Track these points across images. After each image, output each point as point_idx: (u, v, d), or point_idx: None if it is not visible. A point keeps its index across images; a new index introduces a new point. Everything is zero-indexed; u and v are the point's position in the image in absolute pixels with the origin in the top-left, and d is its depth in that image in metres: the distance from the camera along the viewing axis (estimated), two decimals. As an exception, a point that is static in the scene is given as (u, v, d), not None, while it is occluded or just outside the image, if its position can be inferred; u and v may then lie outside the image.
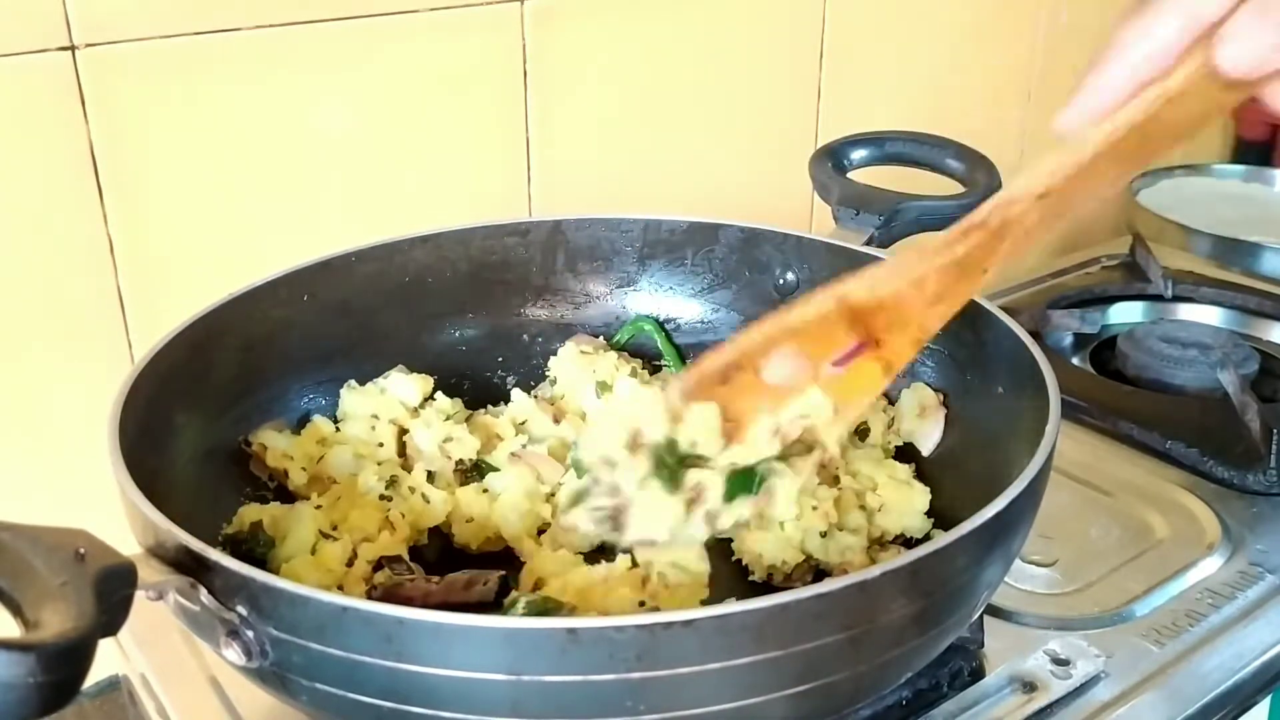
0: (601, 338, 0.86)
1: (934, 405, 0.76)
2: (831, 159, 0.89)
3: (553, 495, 0.73)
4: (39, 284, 0.79)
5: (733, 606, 0.46)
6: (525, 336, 0.85)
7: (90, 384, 0.79)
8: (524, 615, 0.57)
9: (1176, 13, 0.46)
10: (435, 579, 0.65)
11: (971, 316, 0.72)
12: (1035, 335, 0.70)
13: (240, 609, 0.48)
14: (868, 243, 0.82)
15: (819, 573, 0.69)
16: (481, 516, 0.71)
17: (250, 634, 0.49)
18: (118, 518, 0.55)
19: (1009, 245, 0.53)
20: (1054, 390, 0.62)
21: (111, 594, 0.43)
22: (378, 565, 0.66)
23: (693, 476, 0.59)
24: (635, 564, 0.64)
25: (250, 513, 0.67)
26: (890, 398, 0.79)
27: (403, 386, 0.77)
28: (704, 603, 0.63)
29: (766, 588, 0.68)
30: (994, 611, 0.76)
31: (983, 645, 0.72)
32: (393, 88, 0.90)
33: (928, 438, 0.76)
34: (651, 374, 0.84)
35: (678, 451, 0.59)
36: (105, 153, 0.79)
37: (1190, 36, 0.46)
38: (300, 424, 0.76)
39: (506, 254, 0.85)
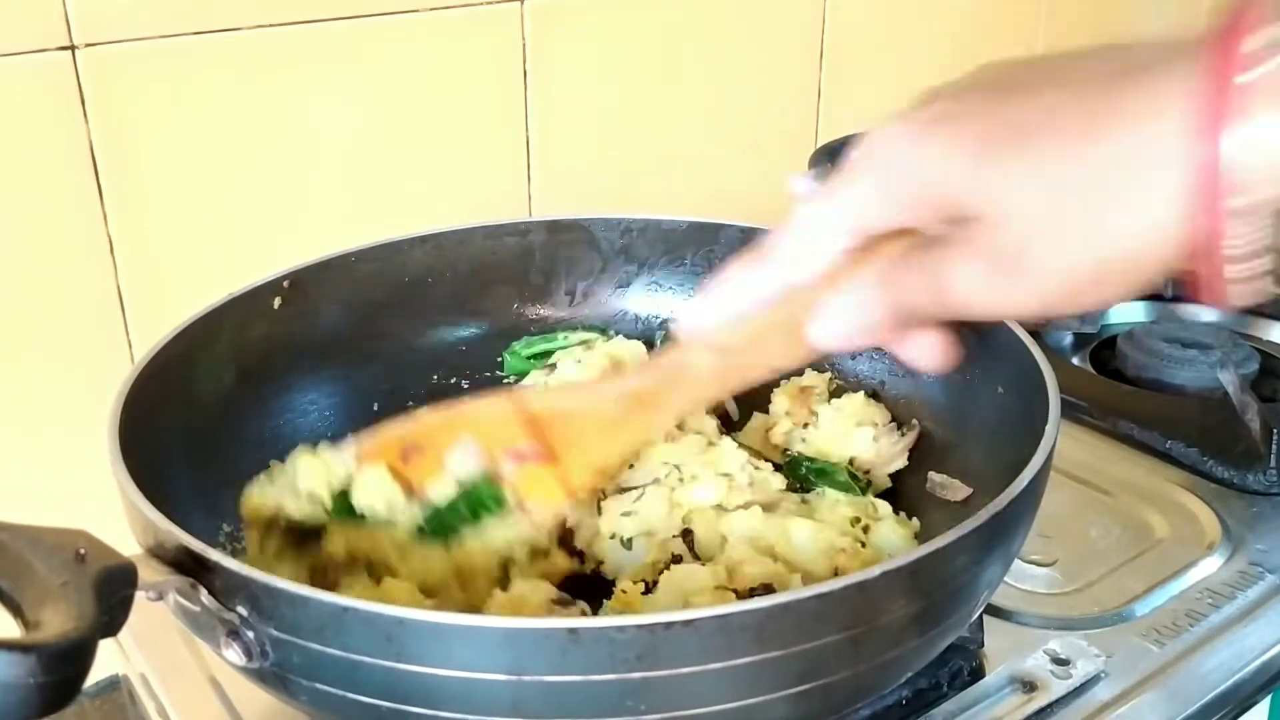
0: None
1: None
2: (831, 159, 0.89)
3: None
4: (39, 284, 0.79)
5: (733, 606, 0.46)
6: (525, 337, 0.85)
7: (90, 384, 0.79)
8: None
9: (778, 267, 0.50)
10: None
11: (972, 316, 0.73)
12: (1035, 335, 0.69)
13: (240, 609, 0.48)
14: (868, 243, 0.82)
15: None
16: None
17: (250, 634, 0.49)
18: (118, 518, 0.55)
19: (686, 390, 0.55)
20: (1054, 390, 0.62)
21: (112, 594, 0.43)
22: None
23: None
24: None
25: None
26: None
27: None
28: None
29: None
30: (994, 611, 0.75)
31: (983, 645, 0.72)
32: (393, 87, 0.90)
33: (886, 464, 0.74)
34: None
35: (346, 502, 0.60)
36: (105, 153, 0.79)
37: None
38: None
39: (506, 254, 0.85)
